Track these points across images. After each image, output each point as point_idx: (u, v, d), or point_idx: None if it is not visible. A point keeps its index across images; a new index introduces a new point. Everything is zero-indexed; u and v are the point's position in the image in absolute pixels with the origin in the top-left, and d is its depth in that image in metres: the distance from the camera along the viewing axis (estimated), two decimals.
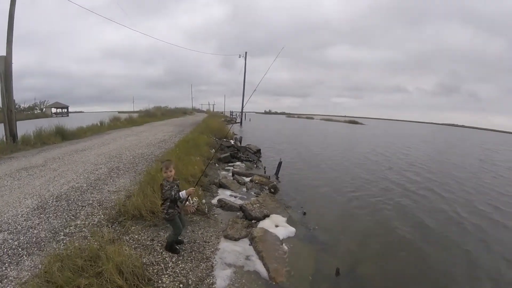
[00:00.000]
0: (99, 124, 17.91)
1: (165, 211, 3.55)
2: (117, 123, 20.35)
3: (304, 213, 6.65)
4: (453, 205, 8.18)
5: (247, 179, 8.49)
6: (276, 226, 5.47)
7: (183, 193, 3.64)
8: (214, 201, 6.19)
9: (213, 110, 62.55)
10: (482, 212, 7.74)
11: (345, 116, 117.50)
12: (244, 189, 7.56)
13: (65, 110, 58.84)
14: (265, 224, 5.42)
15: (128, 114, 26.35)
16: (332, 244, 5.40)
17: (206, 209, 5.37)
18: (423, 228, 6.51)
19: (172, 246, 3.73)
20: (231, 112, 54.48)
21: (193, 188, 3.92)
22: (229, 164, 10.65)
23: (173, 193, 3.50)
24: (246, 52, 37.57)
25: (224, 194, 6.82)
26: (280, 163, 10.06)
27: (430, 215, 7.28)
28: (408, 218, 7.07)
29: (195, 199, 5.27)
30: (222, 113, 56.77)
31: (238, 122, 37.68)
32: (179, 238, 3.94)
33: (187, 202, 3.82)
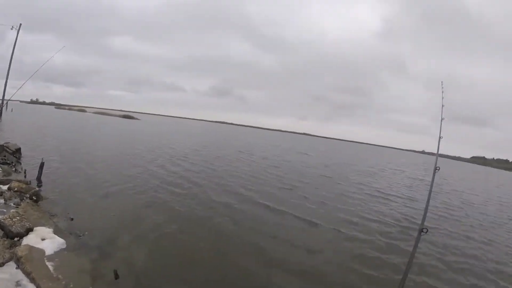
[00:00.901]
0: None
1: None
2: None
3: (72, 219, 6.56)
4: (216, 192, 10.51)
5: (5, 187, 7.44)
6: (43, 239, 5.28)
7: None
8: None
9: None
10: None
11: (121, 110, 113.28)
12: (2, 201, 6.69)
13: None
14: (30, 240, 5.15)
15: None
16: (106, 247, 5.58)
17: None
18: (188, 219, 7.78)
19: None
20: None
21: None
22: None
23: None
24: (20, 24, 29.14)
25: None
26: (42, 164, 9.24)
27: (194, 205, 8.83)
28: (174, 210, 8.23)
29: None
30: None
31: None
32: None
33: None
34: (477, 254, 7.95)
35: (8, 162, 10.35)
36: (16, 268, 4.38)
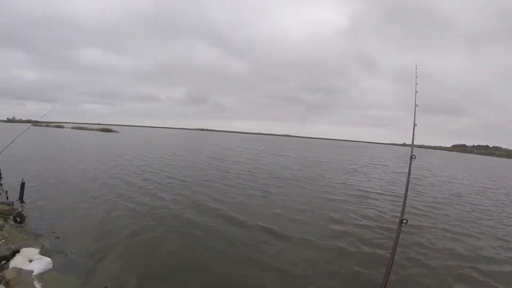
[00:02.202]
0: None
1: None
2: None
3: (58, 238, 6.57)
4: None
5: None
6: (30, 260, 5.27)
7: None
8: None
9: None
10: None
11: (98, 124, 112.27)
12: None
13: None
14: (17, 262, 5.16)
15: None
16: (94, 263, 5.60)
17: None
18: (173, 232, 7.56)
19: None
20: None
21: None
22: None
23: None
24: None
25: None
26: (23, 184, 9.12)
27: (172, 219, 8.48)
28: (161, 223, 8.13)
29: None
30: None
31: None
32: None
33: None
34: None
35: None
36: None
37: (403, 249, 7.10)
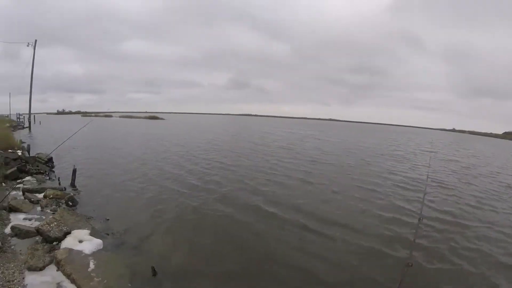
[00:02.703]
0: None
1: None
2: None
3: (108, 220, 6.79)
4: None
5: (40, 196, 7.75)
6: (80, 241, 5.41)
7: None
8: (7, 230, 5.55)
9: None
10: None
11: (146, 112, 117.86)
12: (39, 208, 6.95)
13: None
14: (68, 243, 5.33)
15: None
16: (142, 245, 5.74)
17: (0, 242, 4.88)
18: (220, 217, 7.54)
19: None
20: (18, 115, 43.41)
21: None
22: (18, 180, 9.11)
23: None
24: (36, 40, 30.94)
25: (17, 219, 6.15)
26: (74, 170, 9.62)
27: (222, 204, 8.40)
28: (208, 207, 8.12)
29: None
30: (7, 116, 44.17)
31: (27, 127, 31.96)
32: None
33: None
34: None
35: (42, 171, 10.73)
36: (57, 270, 4.55)
37: (439, 244, 6.31)
